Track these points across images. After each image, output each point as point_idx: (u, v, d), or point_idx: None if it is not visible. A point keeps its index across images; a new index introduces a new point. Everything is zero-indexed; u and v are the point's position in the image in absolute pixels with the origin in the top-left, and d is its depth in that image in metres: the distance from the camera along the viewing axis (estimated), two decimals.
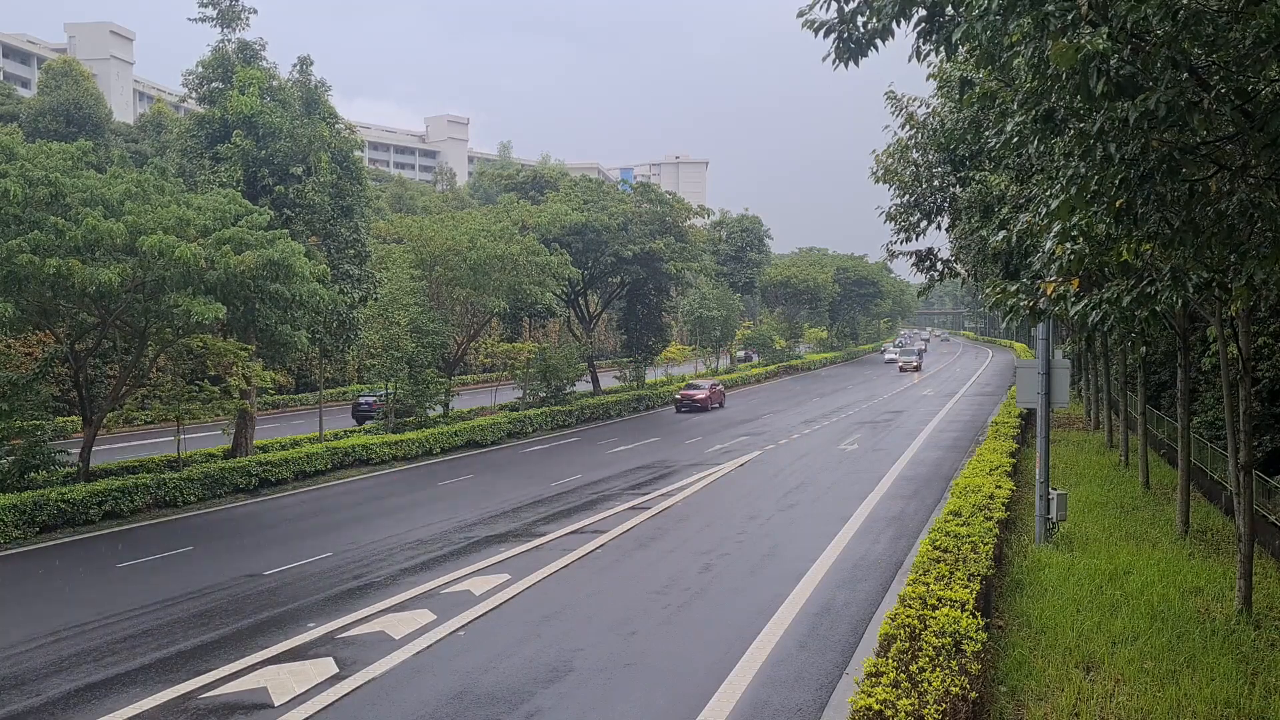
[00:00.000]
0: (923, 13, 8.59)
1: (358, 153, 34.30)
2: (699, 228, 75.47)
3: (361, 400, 46.72)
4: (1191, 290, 8.35)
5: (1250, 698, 10.96)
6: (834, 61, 8.92)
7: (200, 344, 27.17)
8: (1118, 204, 8.27)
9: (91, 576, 18.82)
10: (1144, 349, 26.44)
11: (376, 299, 35.24)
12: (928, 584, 11.81)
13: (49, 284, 21.42)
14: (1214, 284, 8.61)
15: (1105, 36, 7.04)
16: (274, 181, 29.62)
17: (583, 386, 54.11)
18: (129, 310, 24.22)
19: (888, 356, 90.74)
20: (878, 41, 8.73)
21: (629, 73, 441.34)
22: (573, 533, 21.89)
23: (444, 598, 16.54)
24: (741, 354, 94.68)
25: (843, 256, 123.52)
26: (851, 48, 8.80)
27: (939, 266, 22.19)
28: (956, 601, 11.01)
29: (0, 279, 20.77)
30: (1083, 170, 8.34)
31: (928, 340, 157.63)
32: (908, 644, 9.79)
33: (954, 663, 9.32)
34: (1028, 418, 34.51)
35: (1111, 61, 7.13)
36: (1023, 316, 9.83)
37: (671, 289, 57.32)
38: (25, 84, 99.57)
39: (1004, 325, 12.01)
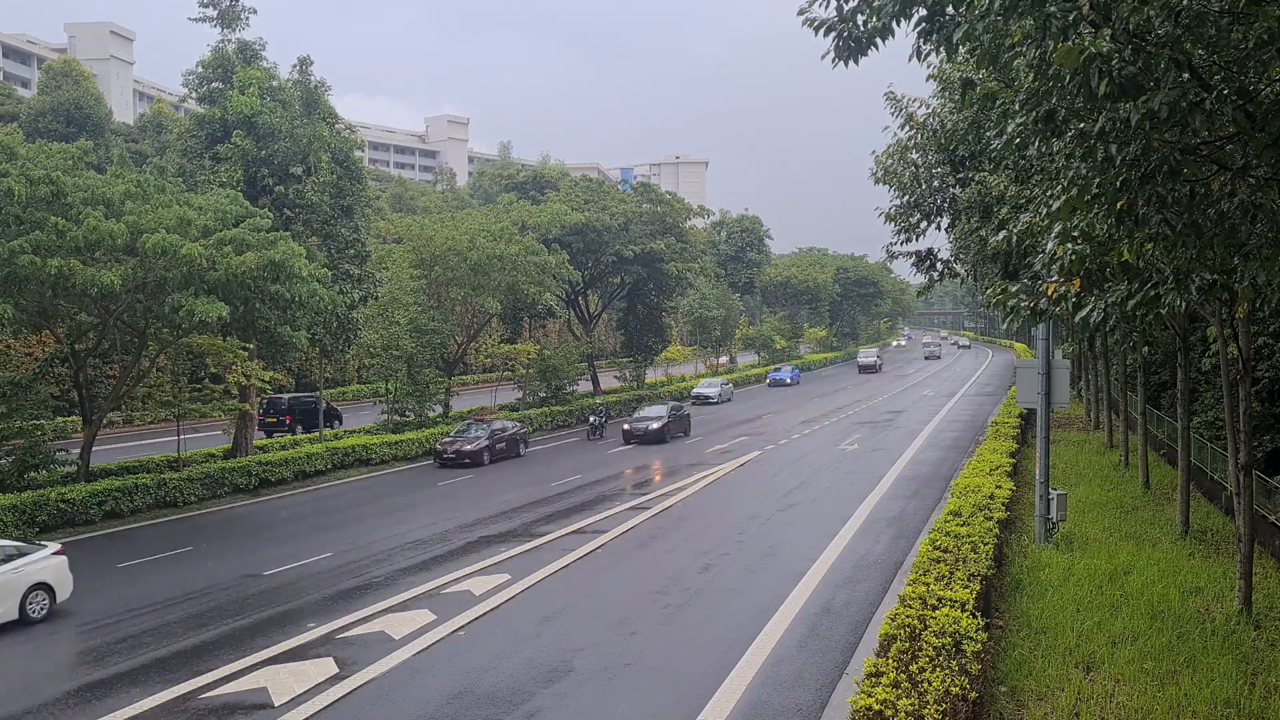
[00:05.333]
0: (923, 12, 8.57)
1: (358, 153, 34.31)
2: (699, 228, 75.50)
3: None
4: (1195, 292, 8.33)
5: (1250, 698, 10.96)
6: (834, 60, 8.91)
7: (200, 344, 27.18)
8: (1119, 205, 8.26)
9: (91, 576, 18.81)
10: (1145, 349, 26.42)
11: (376, 299, 35.23)
12: (928, 584, 11.80)
13: (50, 284, 21.40)
14: (1218, 285, 8.58)
15: (1108, 38, 7.03)
16: (274, 182, 29.61)
17: (583, 386, 54.10)
18: (129, 311, 24.22)
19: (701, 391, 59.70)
20: (878, 41, 8.72)
21: (629, 73, 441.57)
22: (573, 533, 21.88)
23: (444, 598, 16.54)
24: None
25: (843, 256, 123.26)
26: (851, 46, 8.78)
27: (939, 267, 22.15)
28: (956, 601, 11.01)
29: (1, 279, 20.76)
30: (1084, 171, 8.33)
31: (887, 351, 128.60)
32: (908, 644, 9.78)
33: (954, 663, 9.32)
34: (1028, 418, 34.49)
35: (1114, 62, 7.12)
36: (1023, 317, 9.81)
37: (672, 289, 57.24)
38: (25, 84, 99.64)
39: (1004, 326, 11.99)
